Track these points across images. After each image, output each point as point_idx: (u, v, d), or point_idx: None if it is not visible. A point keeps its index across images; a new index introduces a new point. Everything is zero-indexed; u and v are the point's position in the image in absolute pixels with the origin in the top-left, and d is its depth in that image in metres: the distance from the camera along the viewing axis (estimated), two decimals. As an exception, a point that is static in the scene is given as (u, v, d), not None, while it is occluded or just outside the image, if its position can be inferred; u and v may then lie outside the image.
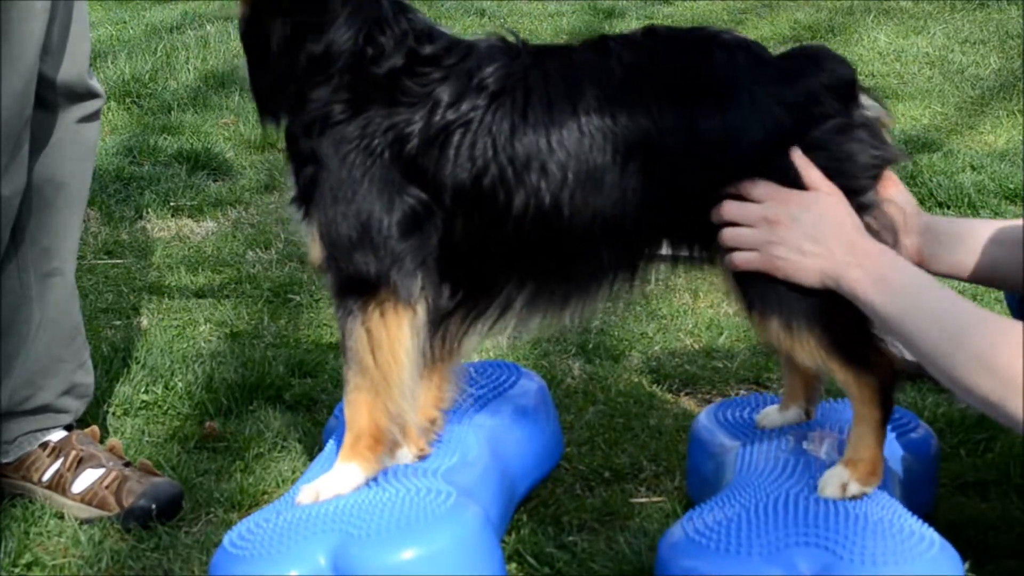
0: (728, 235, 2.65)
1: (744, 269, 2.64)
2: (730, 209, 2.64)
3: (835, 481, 2.65)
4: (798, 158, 2.61)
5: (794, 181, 2.61)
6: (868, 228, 2.63)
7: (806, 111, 2.62)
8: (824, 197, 2.62)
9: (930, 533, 2.52)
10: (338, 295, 2.74)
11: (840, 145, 2.63)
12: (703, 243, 2.70)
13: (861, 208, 2.63)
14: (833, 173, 2.62)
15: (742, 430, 3.00)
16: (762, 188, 2.62)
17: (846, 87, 2.66)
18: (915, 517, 2.59)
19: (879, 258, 2.59)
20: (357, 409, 2.76)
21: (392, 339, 2.70)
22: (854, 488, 2.64)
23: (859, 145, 2.64)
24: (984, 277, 2.94)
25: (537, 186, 2.63)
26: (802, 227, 2.60)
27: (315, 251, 2.74)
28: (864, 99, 2.68)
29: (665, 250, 2.73)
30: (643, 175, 2.62)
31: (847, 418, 2.94)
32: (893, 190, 2.79)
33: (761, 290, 2.64)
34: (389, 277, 2.67)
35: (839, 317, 2.61)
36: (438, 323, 2.76)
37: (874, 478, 2.65)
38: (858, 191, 2.64)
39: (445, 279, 2.73)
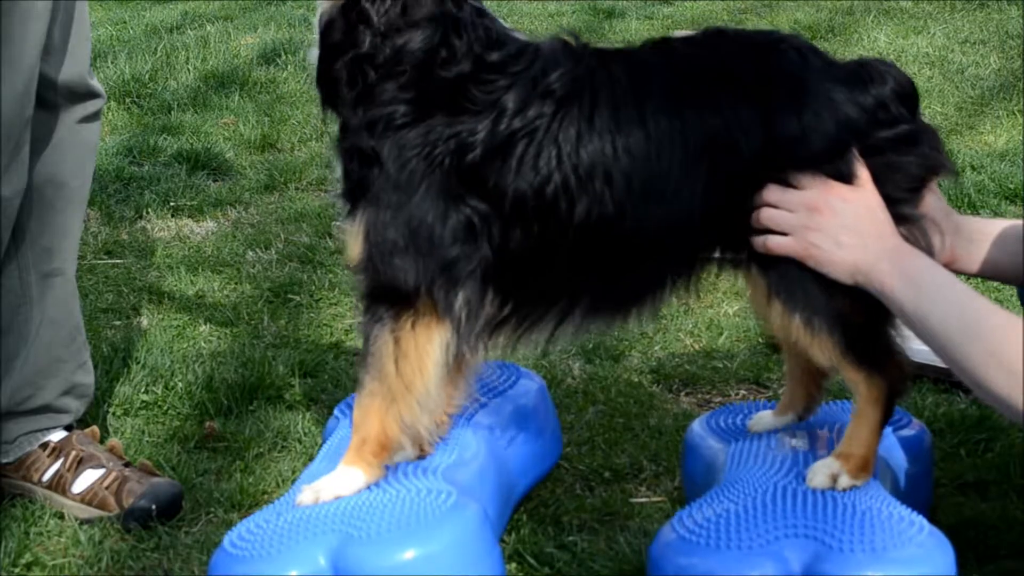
0: (765, 215, 2.63)
1: (776, 252, 2.63)
2: (772, 192, 2.63)
3: (825, 471, 2.66)
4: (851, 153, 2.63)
5: (848, 180, 2.62)
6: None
7: (877, 114, 2.63)
8: (866, 192, 2.62)
9: (918, 519, 2.52)
10: (368, 298, 2.70)
11: (898, 154, 2.64)
12: (747, 245, 2.69)
13: (898, 219, 2.64)
14: (881, 179, 2.63)
15: (734, 435, 3.00)
16: (805, 175, 2.63)
17: (911, 98, 2.68)
18: (903, 505, 2.60)
19: (909, 257, 2.61)
20: (368, 414, 2.74)
21: (421, 351, 2.67)
22: (845, 480, 2.65)
23: (915, 158, 2.66)
24: (1011, 275, 2.96)
25: (601, 194, 2.60)
26: (842, 218, 2.61)
27: (354, 250, 2.69)
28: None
29: (716, 253, 2.74)
30: (710, 178, 2.61)
31: (840, 419, 2.96)
32: (930, 197, 2.81)
33: (787, 283, 2.64)
34: (431, 290, 2.64)
35: (859, 318, 2.63)
36: (488, 331, 2.74)
37: (865, 473, 2.67)
38: (898, 201, 2.64)
39: (497, 290, 2.69)
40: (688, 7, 8.57)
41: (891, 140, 2.64)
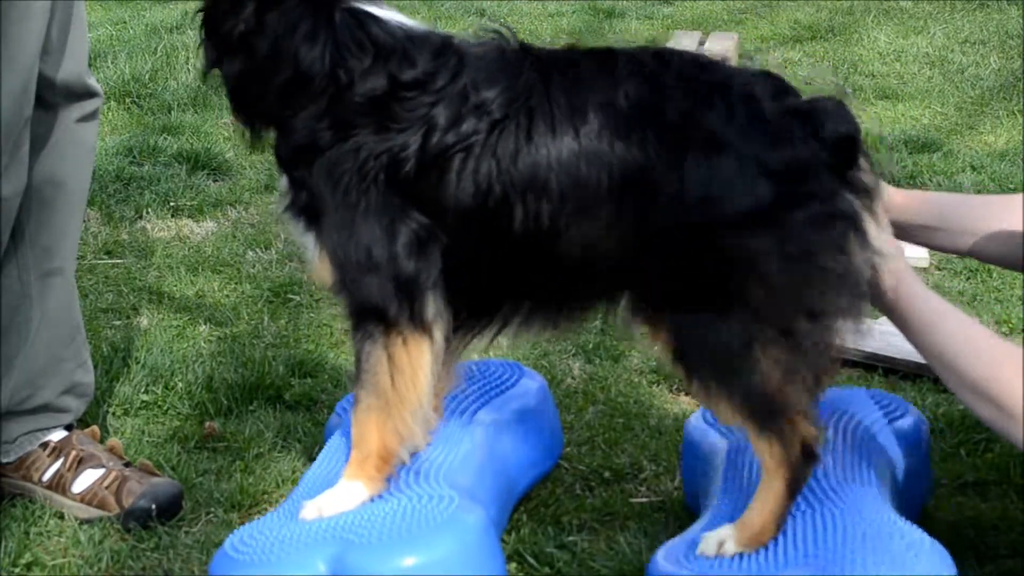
0: None
1: None
2: None
3: (714, 538, 2.59)
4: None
5: (766, 257, 2.51)
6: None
7: (789, 185, 2.51)
8: None
9: (919, 536, 2.51)
10: (355, 317, 2.71)
11: (817, 231, 2.51)
12: (655, 295, 2.61)
13: (816, 287, 2.53)
14: (806, 251, 2.51)
15: (731, 430, 2.99)
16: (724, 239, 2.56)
17: (845, 147, 2.54)
18: (904, 520, 2.59)
19: (902, 292, 2.65)
20: (368, 429, 2.74)
21: (414, 365, 2.68)
22: (730, 547, 2.57)
23: (827, 247, 2.51)
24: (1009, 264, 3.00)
25: (537, 208, 2.59)
26: None
27: (325, 274, 2.72)
28: (864, 164, 2.57)
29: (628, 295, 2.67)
30: (633, 210, 2.56)
31: (845, 409, 2.94)
32: (905, 198, 2.84)
33: (688, 346, 2.58)
34: (404, 304, 2.65)
35: (759, 384, 2.54)
36: (452, 338, 2.75)
37: (755, 544, 2.57)
38: (824, 271, 2.52)
39: (451, 298, 2.70)
40: (688, 7, 8.57)
41: (801, 224, 2.50)
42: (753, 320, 2.53)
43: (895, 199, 2.90)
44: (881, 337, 3.69)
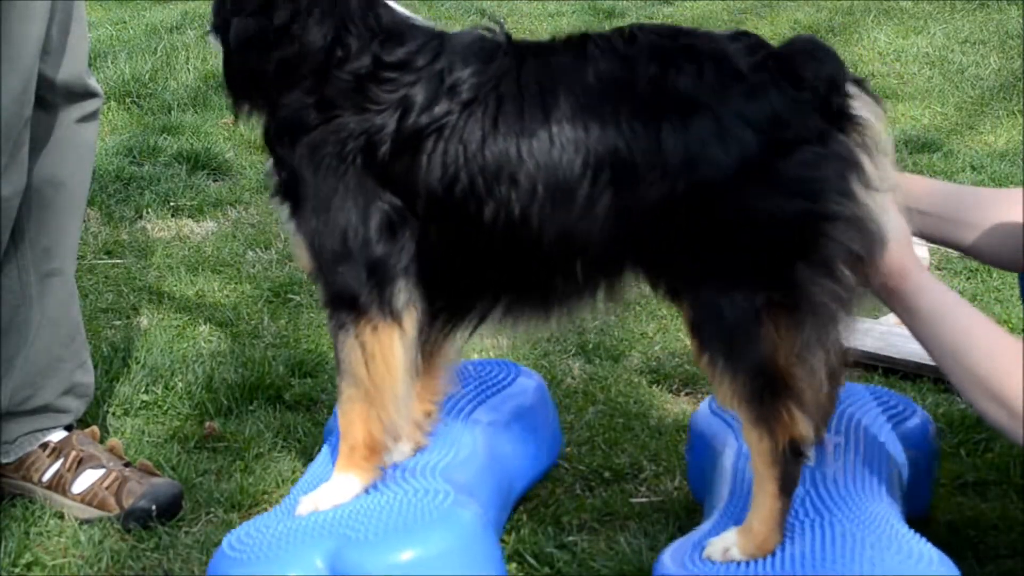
0: None
1: None
2: None
3: (720, 544, 2.57)
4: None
5: (764, 212, 2.46)
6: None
7: (774, 134, 2.46)
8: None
9: (928, 550, 2.50)
10: (329, 305, 2.72)
11: (812, 176, 2.46)
12: (663, 273, 2.58)
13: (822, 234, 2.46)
14: (803, 199, 2.46)
15: (736, 418, 2.98)
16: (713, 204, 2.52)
17: (829, 84, 2.48)
18: (911, 531, 2.58)
19: (909, 283, 2.59)
20: (351, 420, 2.75)
21: (386, 353, 2.67)
22: (735, 554, 2.54)
23: (834, 169, 2.46)
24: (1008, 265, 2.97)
25: (507, 197, 2.55)
26: None
27: (304, 261, 2.73)
28: (854, 92, 2.50)
29: (640, 273, 2.62)
30: (613, 192, 2.52)
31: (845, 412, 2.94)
32: (913, 183, 2.81)
33: (703, 318, 2.53)
34: (374, 291, 2.64)
35: (766, 358, 2.49)
36: (429, 327, 2.74)
37: (760, 551, 2.53)
38: (828, 217, 2.45)
39: (425, 286, 2.68)
40: (688, 7, 8.57)
41: (798, 166, 2.45)
42: (760, 284, 2.47)
43: (922, 189, 2.86)
44: (881, 337, 3.70)
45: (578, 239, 2.56)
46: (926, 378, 3.65)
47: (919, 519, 2.86)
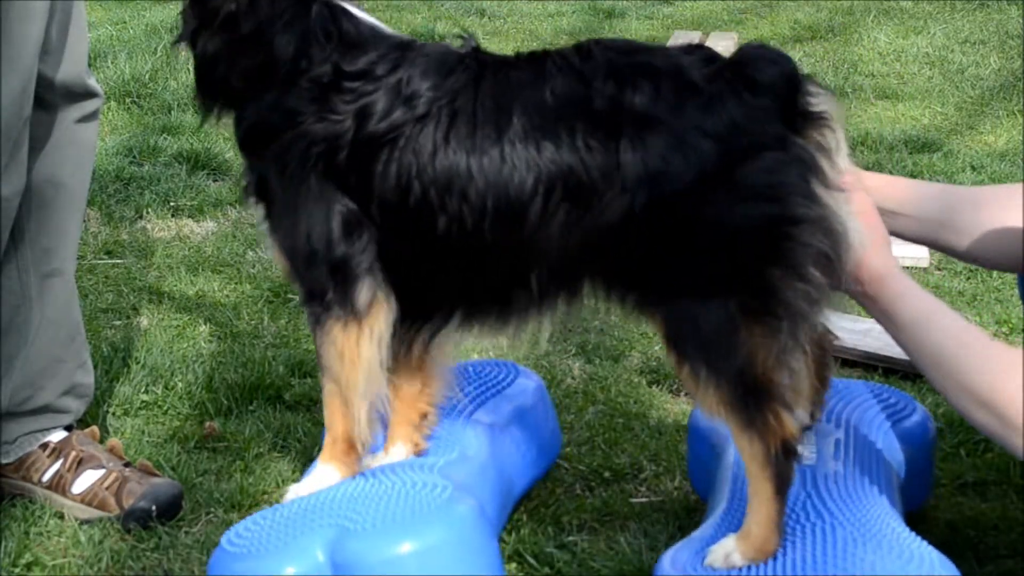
0: None
1: None
2: None
3: (720, 551, 2.56)
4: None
5: (730, 220, 2.46)
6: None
7: (733, 143, 2.46)
8: (863, 200, 2.58)
9: (929, 553, 2.49)
10: (305, 305, 2.77)
11: (774, 181, 2.46)
12: (631, 286, 2.57)
13: (789, 237, 2.46)
14: (767, 204, 2.46)
15: None
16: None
17: (783, 86, 2.49)
18: (911, 533, 2.58)
19: (888, 289, 2.57)
20: (332, 413, 2.80)
21: (352, 352, 2.72)
22: (736, 559, 2.54)
23: (796, 172, 2.46)
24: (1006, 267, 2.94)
25: (459, 211, 2.57)
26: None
27: (278, 262, 2.79)
28: (812, 90, 2.51)
29: (603, 288, 2.62)
30: (568, 210, 2.53)
31: (835, 410, 2.94)
32: (894, 186, 2.78)
33: (679, 329, 2.53)
34: (339, 289, 2.68)
35: (746, 367, 2.49)
36: (398, 329, 2.77)
37: (761, 554, 2.53)
38: (793, 220, 2.45)
39: (389, 288, 2.72)
40: (688, 7, 8.58)
41: (759, 172, 2.45)
42: (733, 291, 2.47)
43: (904, 192, 2.84)
44: (881, 337, 3.69)
45: (533, 254, 2.58)
46: (926, 378, 3.65)
47: (917, 515, 2.86)
